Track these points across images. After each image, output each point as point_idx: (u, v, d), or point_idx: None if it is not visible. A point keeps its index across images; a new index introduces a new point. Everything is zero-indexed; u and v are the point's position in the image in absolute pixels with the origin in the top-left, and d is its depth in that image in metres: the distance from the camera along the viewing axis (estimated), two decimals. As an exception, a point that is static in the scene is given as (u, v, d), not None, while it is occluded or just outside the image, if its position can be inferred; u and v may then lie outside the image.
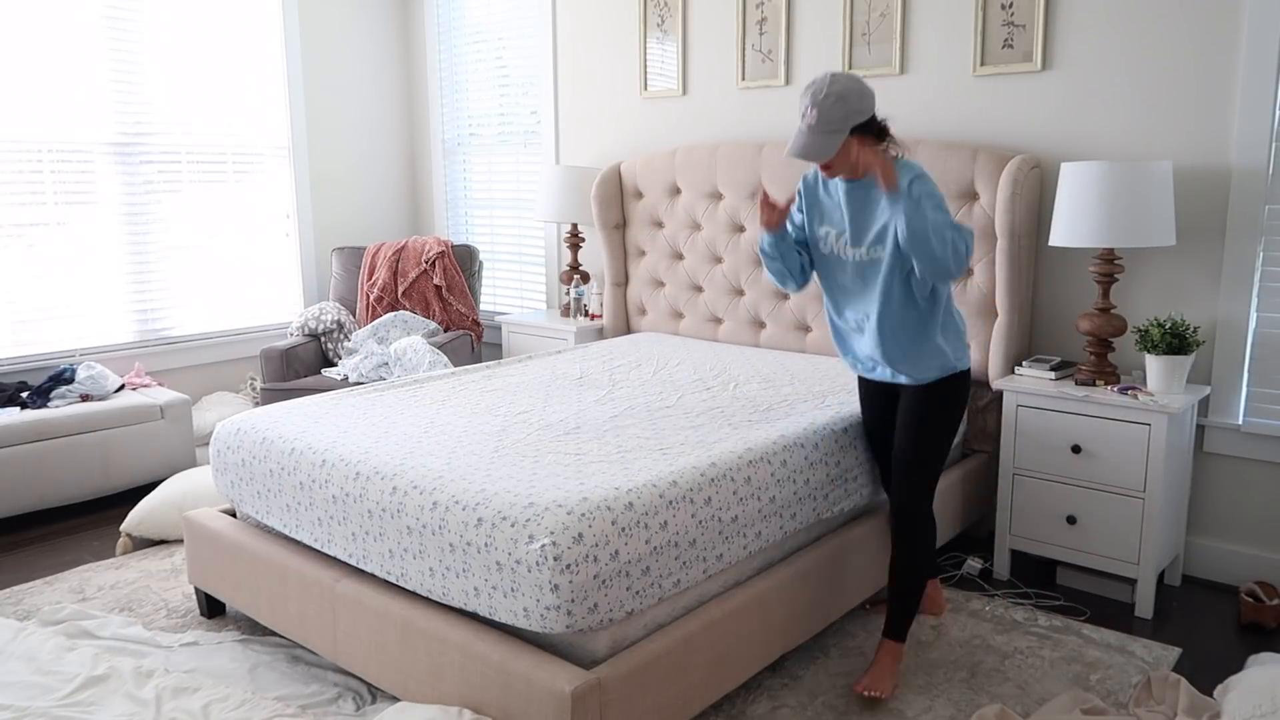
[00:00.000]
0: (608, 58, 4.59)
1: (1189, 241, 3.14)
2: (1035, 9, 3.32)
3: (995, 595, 3.11)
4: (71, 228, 4.40)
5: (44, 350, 4.34)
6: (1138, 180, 2.88)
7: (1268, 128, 2.95)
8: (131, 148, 4.56)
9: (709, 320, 4.18)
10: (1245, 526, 3.17)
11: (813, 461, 2.62)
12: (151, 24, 4.57)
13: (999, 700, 2.49)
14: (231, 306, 5.03)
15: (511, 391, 3.15)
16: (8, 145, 4.17)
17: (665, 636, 2.16)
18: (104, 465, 3.92)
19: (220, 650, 2.75)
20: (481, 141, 5.32)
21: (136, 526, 3.53)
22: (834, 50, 3.83)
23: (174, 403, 4.13)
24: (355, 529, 2.39)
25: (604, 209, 4.36)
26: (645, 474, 2.24)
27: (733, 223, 4.02)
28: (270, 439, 2.69)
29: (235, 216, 5.00)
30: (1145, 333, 2.98)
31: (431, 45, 5.42)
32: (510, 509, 2.07)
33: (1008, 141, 3.45)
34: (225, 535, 2.80)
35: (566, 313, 4.68)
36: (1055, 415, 3.08)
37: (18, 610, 3.02)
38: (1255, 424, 3.09)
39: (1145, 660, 2.69)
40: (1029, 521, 3.18)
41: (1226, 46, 3.00)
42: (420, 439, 2.58)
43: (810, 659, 2.70)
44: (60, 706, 2.38)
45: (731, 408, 2.92)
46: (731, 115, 4.18)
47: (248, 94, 4.97)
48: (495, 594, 2.06)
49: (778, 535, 2.51)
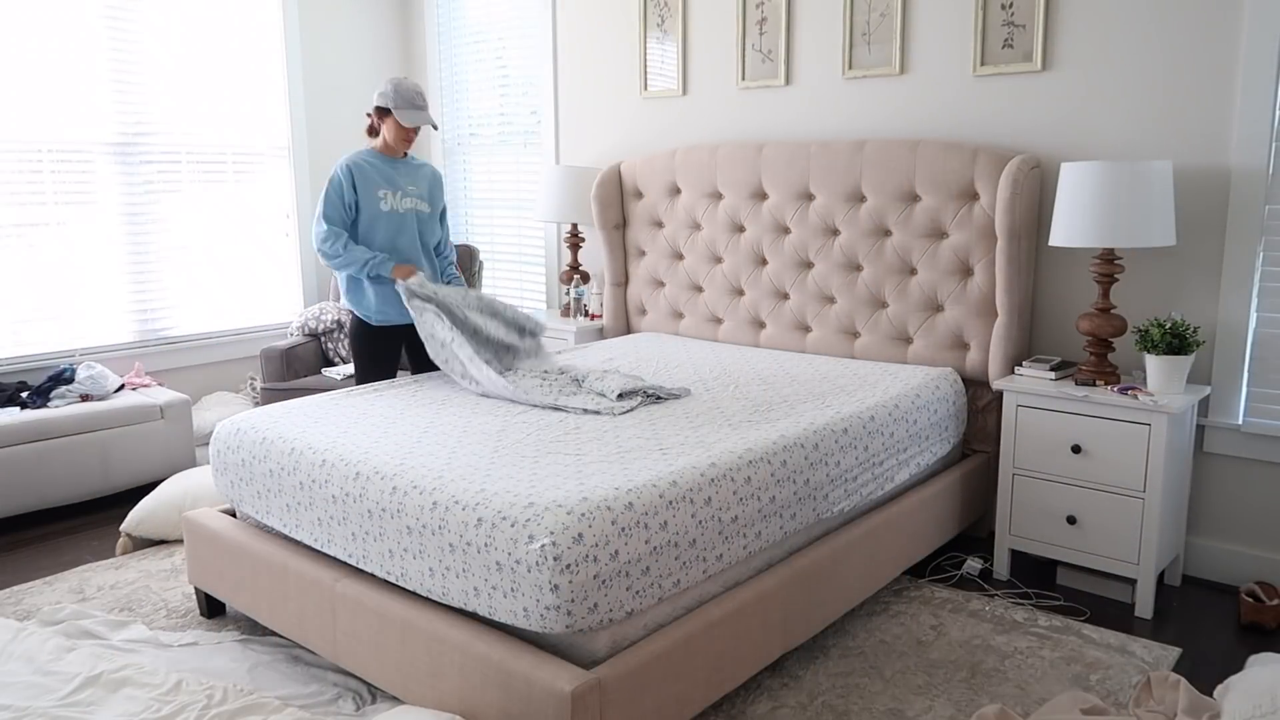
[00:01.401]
0: (608, 58, 4.59)
1: (1189, 241, 3.14)
2: (1035, 9, 3.32)
3: (995, 595, 3.11)
4: (71, 228, 4.40)
5: (44, 350, 4.34)
6: (1138, 180, 2.88)
7: (1268, 128, 2.95)
8: (131, 148, 4.56)
9: (709, 320, 4.18)
10: (1245, 526, 3.17)
11: (813, 461, 2.62)
12: (151, 24, 4.57)
13: (999, 700, 2.49)
14: (231, 306, 5.03)
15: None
16: (8, 145, 4.17)
17: (665, 636, 2.16)
18: (104, 465, 3.92)
19: (220, 650, 2.75)
20: (481, 141, 5.32)
21: (136, 526, 3.53)
22: (834, 50, 3.83)
23: (174, 403, 4.13)
24: (355, 529, 2.39)
25: (604, 209, 4.36)
26: (645, 474, 2.24)
27: (733, 223, 4.02)
28: (270, 439, 2.69)
29: (235, 216, 5.00)
30: (1145, 333, 2.98)
31: (431, 45, 5.42)
32: (510, 509, 2.07)
33: (1008, 141, 3.45)
34: (225, 535, 2.80)
35: (566, 313, 4.68)
36: (1055, 415, 3.08)
37: (18, 610, 3.02)
38: (1255, 424, 3.09)
39: (1145, 660, 2.69)
40: (1029, 521, 3.18)
41: (1226, 46, 3.00)
42: (420, 439, 2.58)
43: (810, 659, 2.70)
44: (60, 706, 2.38)
45: (731, 408, 2.92)
46: (731, 115, 4.18)
47: (248, 94, 4.97)
48: (495, 594, 2.06)
49: (778, 535, 2.51)
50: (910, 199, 3.52)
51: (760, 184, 3.91)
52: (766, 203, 3.90)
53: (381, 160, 3.45)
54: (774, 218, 3.88)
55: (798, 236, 3.82)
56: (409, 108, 3.36)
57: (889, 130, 3.73)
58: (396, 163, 3.47)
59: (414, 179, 3.52)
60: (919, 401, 3.13)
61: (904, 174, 3.50)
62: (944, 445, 3.28)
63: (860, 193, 3.64)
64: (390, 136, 3.42)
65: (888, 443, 2.94)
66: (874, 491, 2.90)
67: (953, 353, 3.48)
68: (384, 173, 3.43)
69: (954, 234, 3.44)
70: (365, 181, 3.38)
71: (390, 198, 3.43)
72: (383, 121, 3.42)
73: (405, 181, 3.48)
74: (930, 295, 3.52)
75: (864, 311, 3.68)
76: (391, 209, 3.43)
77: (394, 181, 3.44)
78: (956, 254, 3.43)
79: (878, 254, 3.62)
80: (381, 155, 3.46)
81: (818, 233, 3.77)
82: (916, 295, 3.54)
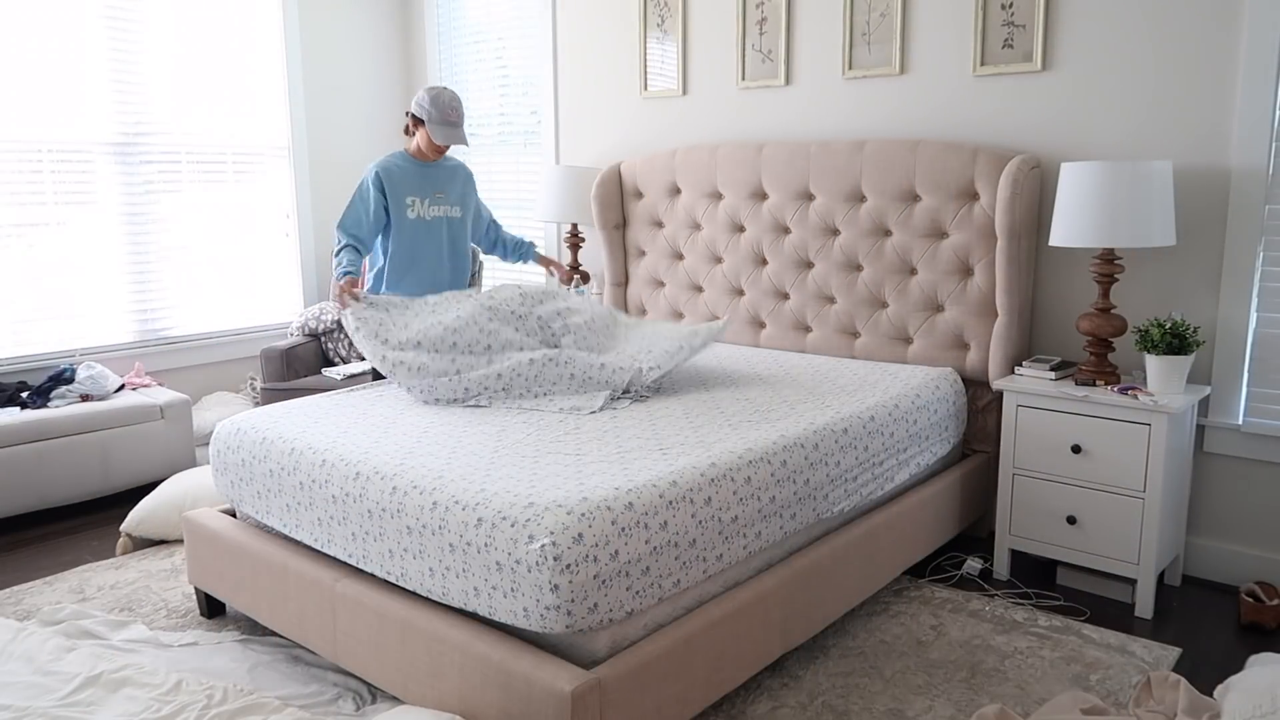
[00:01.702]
0: (608, 58, 4.59)
1: (1189, 241, 3.14)
2: (1035, 9, 3.32)
3: (995, 595, 3.11)
4: (71, 228, 4.40)
5: (44, 350, 4.34)
6: (1138, 180, 2.88)
7: (1268, 128, 2.95)
8: (131, 148, 4.56)
9: (709, 320, 4.18)
10: (1245, 526, 3.17)
11: (813, 461, 2.62)
12: (151, 24, 4.57)
13: (999, 700, 2.49)
14: (231, 306, 5.03)
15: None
16: (8, 145, 4.17)
17: (665, 636, 2.16)
18: (104, 465, 3.92)
19: (220, 650, 2.75)
20: (481, 141, 5.32)
21: (136, 526, 3.53)
22: (834, 50, 3.83)
23: (174, 403, 4.13)
24: (355, 529, 2.39)
25: (604, 209, 4.36)
26: (645, 474, 2.24)
27: (733, 223, 4.02)
28: (270, 439, 2.69)
29: (235, 216, 5.00)
30: (1145, 333, 2.98)
31: (431, 45, 5.42)
32: (510, 509, 2.07)
33: (1008, 141, 3.45)
34: (225, 535, 2.80)
35: (566, 313, 4.67)
36: (1055, 415, 3.08)
37: (18, 610, 3.02)
38: (1255, 424, 3.09)
39: (1145, 660, 2.69)
40: (1029, 521, 3.18)
41: (1226, 46, 3.00)
42: (420, 439, 2.58)
43: (810, 659, 2.70)
44: (60, 706, 2.38)
45: (732, 408, 2.92)
46: (731, 115, 4.18)
47: (248, 94, 4.97)
48: (495, 594, 2.06)
49: (778, 535, 2.51)
50: (910, 199, 3.52)
51: (760, 184, 3.91)
52: (766, 203, 3.90)
53: (413, 164, 3.47)
54: (774, 218, 3.88)
55: (798, 236, 3.82)
56: (443, 124, 3.36)
57: (889, 130, 3.73)
58: (428, 167, 3.49)
59: (446, 183, 3.54)
60: (919, 401, 3.13)
61: (904, 174, 3.50)
62: (944, 445, 3.28)
63: (860, 193, 3.64)
64: (424, 145, 3.45)
65: (888, 443, 2.94)
66: (874, 491, 2.90)
67: (953, 353, 3.48)
68: (415, 178, 3.45)
69: (954, 234, 3.44)
70: (395, 188, 3.41)
71: (418, 205, 3.44)
72: (418, 128, 3.44)
73: (436, 187, 3.50)
74: (930, 295, 3.52)
75: (864, 311, 3.68)
76: (418, 217, 3.45)
77: (424, 188, 3.47)
78: (956, 254, 3.43)
79: (878, 254, 3.62)
80: (414, 159, 3.48)
81: (818, 233, 3.77)
82: (916, 295, 3.54)
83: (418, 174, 3.46)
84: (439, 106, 3.36)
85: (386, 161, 3.44)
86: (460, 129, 3.40)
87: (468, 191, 3.64)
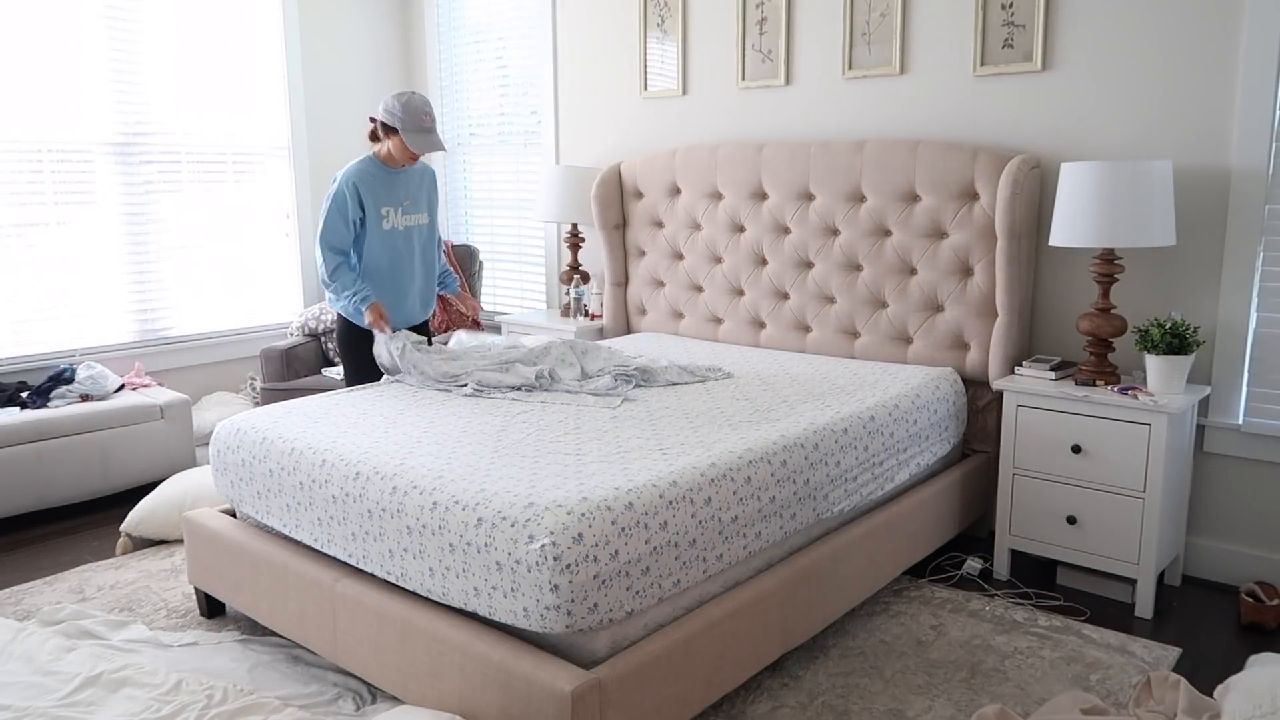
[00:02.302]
0: (608, 58, 4.59)
1: (1189, 241, 3.14)
2: (1035, 9, 3.32)
3: (995, 595, 3.11)
4: (71, 228, 4.40)
5: (44, 350, 4.34)
6: (1138, 180, 2.88)
7: (1268, 128, 2.95)
8: (131, 148, 4.56)
9: (709, 320, 4.18)
10: (1245, 526, 3.17)
11: (813, 461, 2.62)
12: (151, 24, 4.57)
13: (999, 700, 2.49)
14: (231, 306, 5.03)
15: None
16: (8, 145, 4.17)
17: (665, 636, 2.16)
18: (104, 465, 3.92)
19: (220, 650, 2.75)
20: (481, 141, 5.32)
21: (136, 526, 3.53)
22: (834, 50, 3.83)
23: (174, 403, 4.13)
24: (355, 529, 2.39)
25: (604, 209, 4.36)
26: (645, 474, 2.24)
27: (733, 223, 4.02)
28: (270, 439, 2.69)
29: (235, 216, 5.00)
30: (1145, 333, 2.98)
31: (431, 45, 5.43)
32: (510, 509, 2.07)
33: (1008, 141, 3.45)
34: (225, 535, 2.80)
35: (566, 313, 4.67)
36: (1055, 415, 3.08)
37: (18, 610, 3.02)
38: (1255, 424, 3.09)
39: (1145, 660, 2.69)
40: (1029, 521, 3.18)
41: (1226, 46, 3.00)
42: (420, 439, 2.58)
43: (810, 659, 2.70)
44: (60, 706, 2.38)
45: (731, 408, 2.92)
46: (731, 115, 4.18)
47: (248, 94, 4.97)
48: (495, 594, 2.06)
49: (778, 535, 2.51)
50: (910, 199, 3.52)
51: (760, 184, 3.91)
52: (766, 203, 3.90)
53: (383, 171, 3.35)
54: (774, 218, 3.88)
55: (798, 236, 3.82)
56: (417, 131, 3.23)
57: (889, 130, 3.73)
58: (397, 173, 3.38)
59: (415, 190, 3.46)
60: (919, 401, 3.14)
61: (904, 174, 3.50)
62: (944, 445, 3.28)
63: (860, 193, 3.64)
64: (396, 152, 3.29)
65: (888, 443, 2.94)
66: (874, 491, 2.90)
67: (953, 353, 3.48)
68: (387, 186, 3.35)
69: (954, 234, 3.44)
70: (371, 197, 3.31)
71: (392, 215, 3.36)
72: (388, 136, 3.29)
73: (406, 194, 3.42)
74: (930, 295, 3.52)
75: (864, 311, 3.68)
76: (392, 227, 3.37)
77: (396, 196, 3.38)
78: (956, 254, 3.43)
79: (878, 254, 3.62)
80: (383, 165, 3.35)
81: (818, 233, 3.77)
82: (916, 295, 3.54)
83: (388, 181, 3.36)
84: (411, 113, 3.21)
85: (359, 170, 3.30)
86: (435, 134, 3.27)
87: (433, 197, 3.56)
